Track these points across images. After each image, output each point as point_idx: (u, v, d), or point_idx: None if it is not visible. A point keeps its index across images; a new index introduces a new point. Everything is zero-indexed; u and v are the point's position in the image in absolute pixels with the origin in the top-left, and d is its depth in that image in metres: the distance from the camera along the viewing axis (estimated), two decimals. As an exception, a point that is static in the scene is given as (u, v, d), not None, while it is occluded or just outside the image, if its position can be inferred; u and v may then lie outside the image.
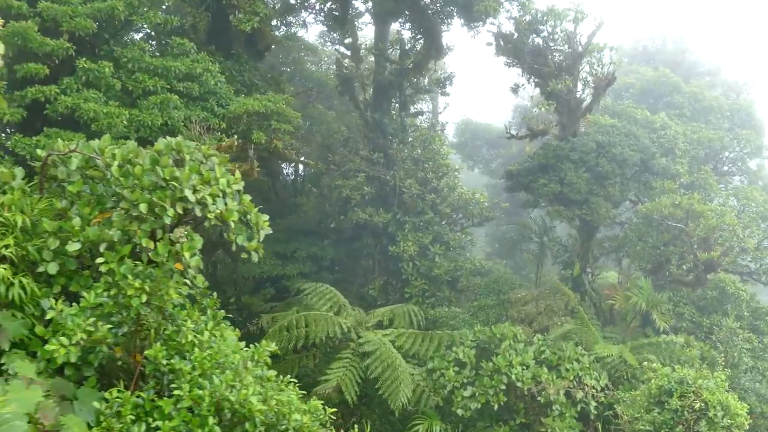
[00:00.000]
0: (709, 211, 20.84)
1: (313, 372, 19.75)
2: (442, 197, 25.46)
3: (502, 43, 22.26)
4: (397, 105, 27.16)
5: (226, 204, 9.49)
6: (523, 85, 22.16)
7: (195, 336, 8.70)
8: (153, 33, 18.60)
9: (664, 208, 19.58)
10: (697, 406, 13.72)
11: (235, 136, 15.68)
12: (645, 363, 16.56)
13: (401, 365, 17.89)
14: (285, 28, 27.68)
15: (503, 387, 17.77)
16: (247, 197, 10.31)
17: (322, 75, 32.38)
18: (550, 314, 20.55)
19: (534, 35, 20.95)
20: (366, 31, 31.34)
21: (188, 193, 8.82)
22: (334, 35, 30.40)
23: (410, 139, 27.03)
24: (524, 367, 18.17)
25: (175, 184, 8.78)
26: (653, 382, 14.68)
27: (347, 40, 28.72)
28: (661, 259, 21.35)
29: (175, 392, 7.89)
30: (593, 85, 20.43)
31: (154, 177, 8.86)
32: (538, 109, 23.25)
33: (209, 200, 9.13)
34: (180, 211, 8.83)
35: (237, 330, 10.47)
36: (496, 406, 17.64)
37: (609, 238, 23.63)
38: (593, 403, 17.90)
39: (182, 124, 15.99)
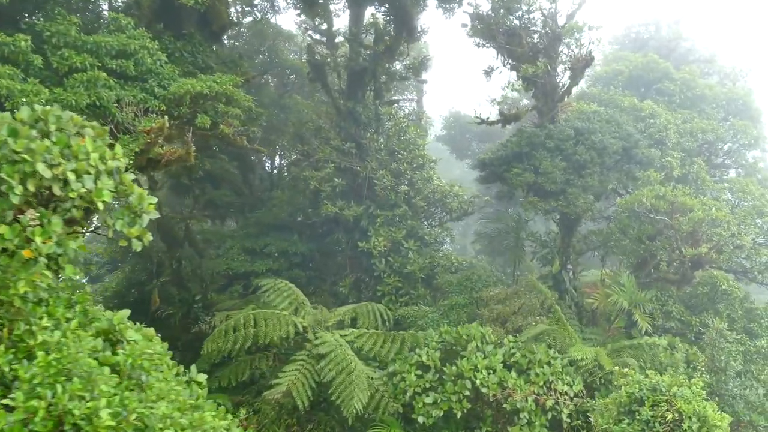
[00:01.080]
0: (697, 203, 19.31)
1: (270, 375, 18.44)
2: (416, 189, 24.05)
3: (478, 24, 20.83)
4: (372, 93, 25.74)
5: (96, 183, 8.11)
6: (498, 68, 20.73)
7: (47, 337, 7.37)
8: (87, 6, 17.31)
9: (646, 200, 18.07)
10: (669, 416, 12.27)
11: (167, 119, 14.30)
12: (617, 368, 15.09)
13: (357, 368, 16.54)
14: (254, 12, 26.38)
15: (467, 393, 16.39)
16: (130, 176, 8.92)
17: (301, 64, 31.02)
18: (525, 314, 19.11)
19: (509, 14, 19.48)
20: (344, 18, 29.93)
21: (41, 167, 7.46)
22: (312, 22, 29.06)
23: (386, 128, 25.59)
24: (490, 372, 16.77)
25: (26, 157, 7.45)
26: (623, 389, 13.24)
27: (322, 26, 27.41)
28: (646, 254, 19.84)
29: (7, 401, 6.56)
30: (570, 67, 18.94)
31: (6, 150, 7.54)
32: (507, 92, 21.75)
33: (71, 177, 7.77)
34: (32, 188, 7.48)
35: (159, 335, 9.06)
36: (459, 414, 16.24)
37: (594, 232, 22.15)
38: (566, 411, 16.46)
39: (114, 105, 14.69)
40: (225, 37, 30.33)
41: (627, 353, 18.44)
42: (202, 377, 11.40)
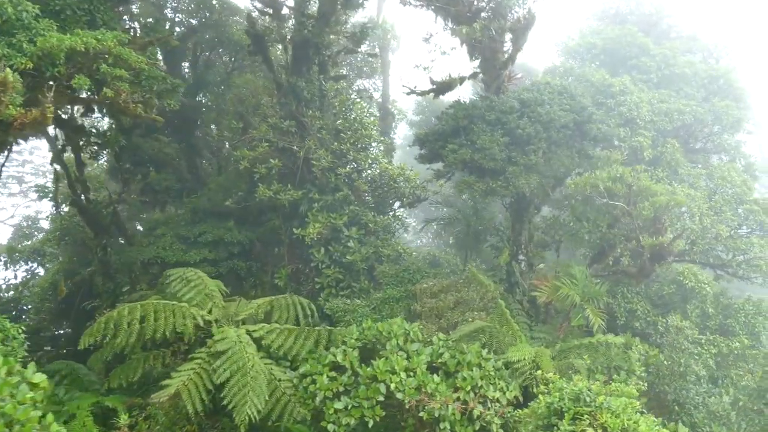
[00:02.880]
0: (660, 188, 16.97)
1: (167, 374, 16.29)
2: (358, 171, 21.84)
3: (417, -16, 18.58)
4: (317, 67, 23.54)
5: None
6: (437, 33, 18.47)
7: None
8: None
9: (600, 182, 15.76)
10: (590, 433, 10.02)
11: (14, 72, 12.16)
12: (539, 372, 12.84)
13: (254, 369, 14.39)
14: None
15: (381, 398, 14.19)
16: None
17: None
18: (464, 309, 16.87)
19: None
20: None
21: None
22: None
23: (332, 105, 23.38)
24: (410, 374, 14.56)
25: None
26: (542, 399, 11.00)
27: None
28: (603, 244, 17.53)
29: None
30: (509, 28, 16.62)
31: None
32: (436, 57, 19.41)
33: None
34: None
35: None
36: (371, 422, 14.04)
37: (546, 219, 19.79)
38: (497, 421, 14.21)
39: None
40: (168, 9, 28.33)
41: (575, 353, 16.17)
42: (40, 378, 9.68)
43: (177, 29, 28.43)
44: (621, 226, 17.15)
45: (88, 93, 16.14)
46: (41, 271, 29.61)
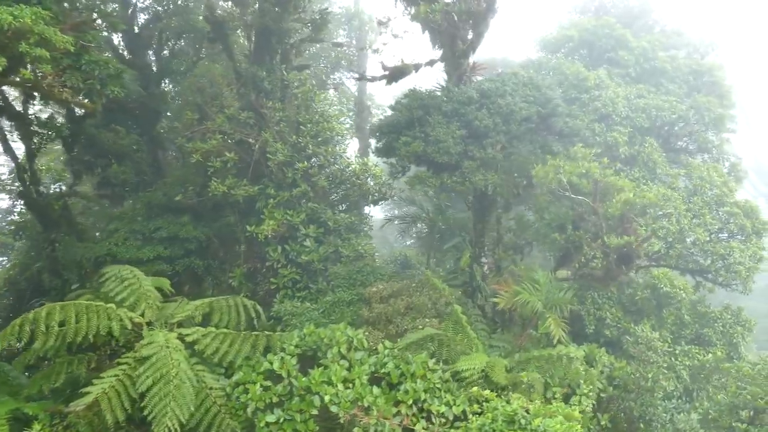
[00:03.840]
0: (628, 184, 15.80)
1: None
2: (318, 167, 20.67)
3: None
4: (279, 56, 22.39)
5: None
6: (395, 17, 17.28)
7: None
8: None
9: (564, 175, 14.56)
10: (521, 461, 8.88)
11: None
12: (475, 389, 11.71)
13: (179, 377, 13.23)
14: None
15: (314, 412, 13.06)
16: None
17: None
18: (416, 315, 15.72)
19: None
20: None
21: None
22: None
23: (297, 97, 22.21)
24: (348, 386, 13.43)
25: None
26: (473, 420, 9.86)
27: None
28: (569, 245, 16.37)
29: None
30: (466, 10, 15.39)
31: None
32: (387, 40, 18.20)
33: None
34: None
35: None
36: (304, 439, 12.93)
37: (512, 218, 18.60)
38: (441, 437, 13.08)
39: None
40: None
41: (535, 365, 15.02)
42: None
43: (142, 15, 27.34)
44: (587, 225, 15.99)
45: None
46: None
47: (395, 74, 17.16)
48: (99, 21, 20.13)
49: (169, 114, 28.09)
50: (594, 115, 19.73)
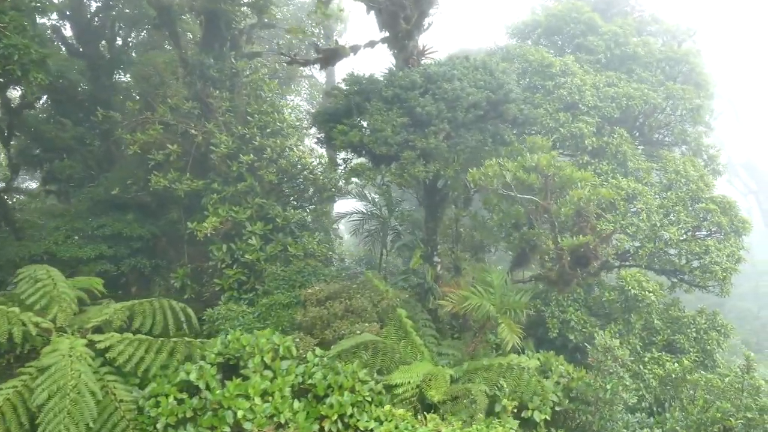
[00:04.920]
0: (589, 176, 14.40)
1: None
2: (266, 160, 19.31)
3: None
4: (229, 43, 21.04)
5: None
6: (334, -4, 15.94)
7: None
8: None
9: (507, 173, 13.13)
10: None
11: None
12: (387, 408, 10.34)
13: (78, 389, 11.85)
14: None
15: (227, 429, 11.70)
16: None
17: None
18: (355, 319, 14.35)
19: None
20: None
21: None
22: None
23: (246, 86, 20.87)
24: (268, 399, 12.07)
25: None
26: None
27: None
28: (524, 245, 14.99)
29: None
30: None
31: None
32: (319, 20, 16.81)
33: None
34: None
35: None
36: (215, 457, 11.57)
37: (462, 215, 17.21)
38: (369, 458, 11.72)
39: None
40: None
41: (481, 376, 13.66)
42: None
43: (94, 3, 26.02)
44: (543, 224, 14.63)
45: None
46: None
47: (330, 57, 15.78)
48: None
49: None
50: (559, 104, 18.33)
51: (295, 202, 21.08)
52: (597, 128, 18.81)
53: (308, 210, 21.20)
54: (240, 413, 11.60)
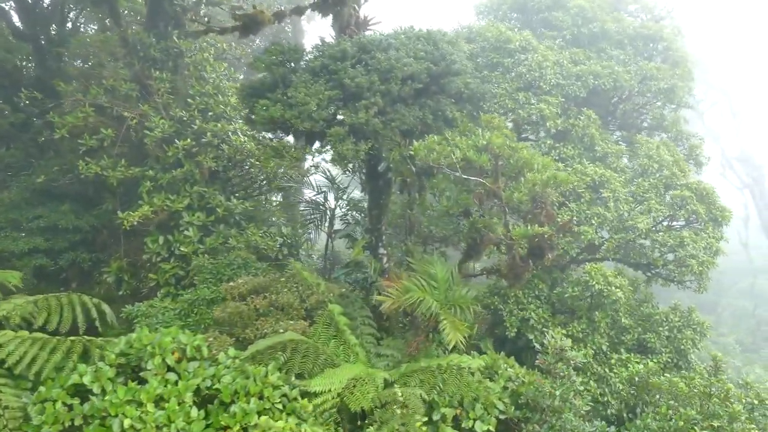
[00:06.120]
0: (547, 161, 12.90)
1: None
2: (206, 145, 17.89)
3: None
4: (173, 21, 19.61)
5: None
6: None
7: None
8: None
9: (455, 149, 11.64)
10: None
11: None
12: (263, 419, 8.90)
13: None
14: None
15: (110, 440, 10.26)
16: None
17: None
18: (282, 315, 12.91)
19: None
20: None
21: None
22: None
23: (189, 67, 19.47)
24: (163, 406, 10.61)
25: None
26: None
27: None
28: (474, 235, 13.51)
29: None
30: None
31: None
32: None
33: None
34: None
35: None
36: (95, 473, 10.13)
37: (395, 203, 15.70)
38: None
39: None
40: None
41: (417, 379, 12.18)
42: None
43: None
44: (495, 211, 13.15)
45: None
46: None
47: (249, 25, 14.32)
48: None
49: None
50: (519, 83, 16.84)
51: (243, 192, 19.64)
52: (562, 110, 17.32)
53: (258, 200, 19.75)
54: (127, 422, 10.14)
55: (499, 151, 12.36)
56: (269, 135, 13.85)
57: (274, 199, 19.96)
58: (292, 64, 13.02)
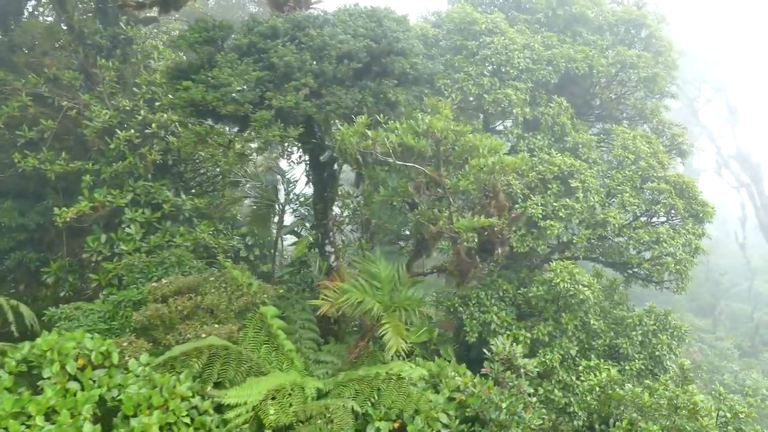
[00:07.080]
0: (499, 145, 11.70)
1: None
2: (150, 137, 16.81)
3: None
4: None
5: None
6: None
7: None
8: None
9: (389, 134, 10.49)
10: None
11: None
12: None
13: None
14: None
15: (-8, 457, 9.16)
16: None
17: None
18: (208, 318, 11.75)
19: None
20: None
21: None
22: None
23: (137, 56, 18.42)
24: (55, 420, 9.47)
25: None
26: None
27: None
28: (420, 229, 12.34)
29: None
30: None
31: None
32: None
33: None
34: None
35: None
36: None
37: (345, 195, 14.46)
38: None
39: None
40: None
41: (352, 389, 10.98)
42: None
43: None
44: (442, 203, 11.95)
45: None
46: None
47: (170, 1, 13.21)
48: None
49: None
50: (484, 67, 15.67)
51: (198, 188, 18.55)
52: (531, 97, 16.10)
53: (214, 196, 18.63)
54: (11, 439, 9.01)
55: (441, 136, 11.17)
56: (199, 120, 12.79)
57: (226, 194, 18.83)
58: (221, 43, 11.89)
